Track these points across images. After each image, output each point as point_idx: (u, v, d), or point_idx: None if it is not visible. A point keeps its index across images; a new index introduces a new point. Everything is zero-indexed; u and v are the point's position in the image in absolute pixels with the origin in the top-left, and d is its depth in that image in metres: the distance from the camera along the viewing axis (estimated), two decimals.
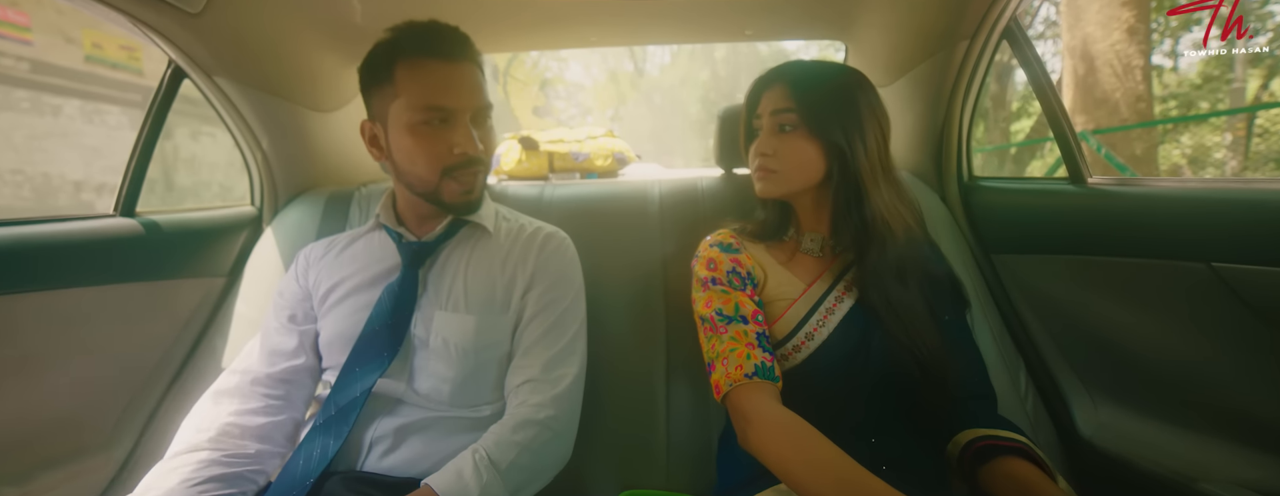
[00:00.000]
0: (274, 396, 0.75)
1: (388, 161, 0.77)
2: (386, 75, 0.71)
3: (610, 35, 1.28)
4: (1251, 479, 0.74)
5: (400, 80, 0.70)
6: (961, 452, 0.67)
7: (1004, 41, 0.99)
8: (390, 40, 0.72)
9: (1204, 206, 0.78)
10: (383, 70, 0.72)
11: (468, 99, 0.72)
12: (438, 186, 0.73)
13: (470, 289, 0.77)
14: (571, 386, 0.74)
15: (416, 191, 0.76)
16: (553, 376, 0.74)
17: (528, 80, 11.31)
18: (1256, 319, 0.73)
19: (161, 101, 1.02)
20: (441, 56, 0.71)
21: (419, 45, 0.71)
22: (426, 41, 0.71)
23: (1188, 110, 6.73)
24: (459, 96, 0.71)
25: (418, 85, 0.70)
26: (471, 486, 0.63)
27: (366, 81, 0.74)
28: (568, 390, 0.74)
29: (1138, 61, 4.01)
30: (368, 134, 0.77)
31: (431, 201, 0.76)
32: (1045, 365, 0.98)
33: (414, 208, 0.81)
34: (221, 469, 0.68)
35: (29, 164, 4.33)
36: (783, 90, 0.73)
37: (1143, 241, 0.83)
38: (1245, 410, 0.77)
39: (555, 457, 0.73)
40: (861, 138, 0.71)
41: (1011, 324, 1.01)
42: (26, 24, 4.24)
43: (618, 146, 1.51)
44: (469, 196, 0.75)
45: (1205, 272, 0.75)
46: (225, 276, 1.09)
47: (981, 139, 7.07)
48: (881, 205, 0.71)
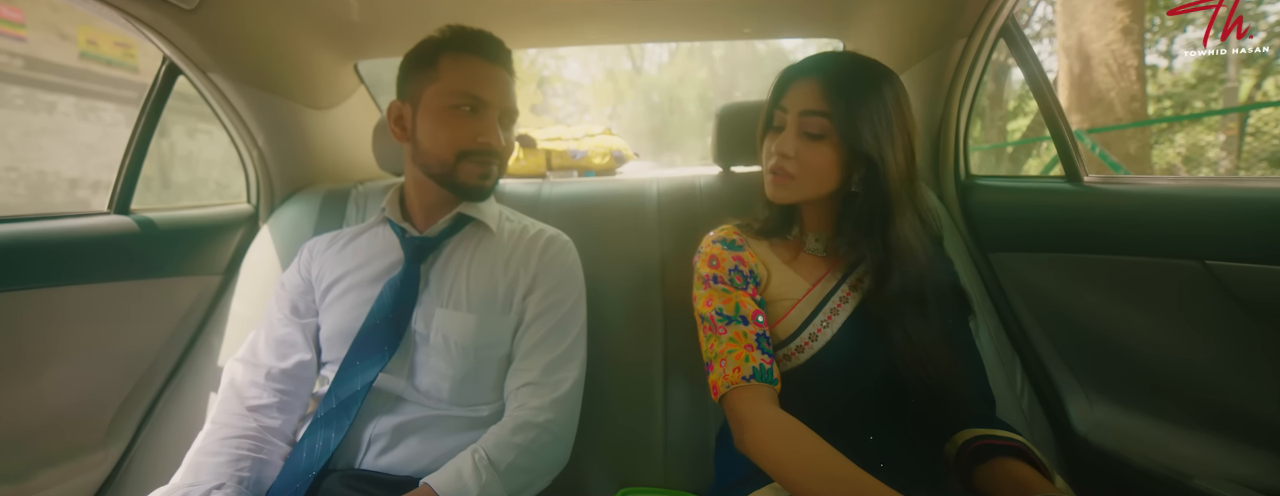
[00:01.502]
0: (285, 392, 0.76)
1: (408, 143, 0.80)
2: (430, 61, 0.77)
3: (608, 33, 1.28)
4: (1245, 475, 0.75)
5: (443, 67, 0.76)
6: (958, 452, 0.67)
7: (1001, 40, 0.99)
8: (441, 36, 0.79)
9: (1198, 204, 0.78)
10: (428, 57, 0.78)
11: (499, 97, 0.78)
12: (454, 168, 0.76)
13: (472, 287, 0.77)
14: (571, 390, 0.75)
15: (432, 173, 0.78)
16: (553, 380, 0.74)
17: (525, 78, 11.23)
18: (1249, 316, 0.73)
19: (156, 98, 1.02)
20: (484, 56, 0.78)
21: (466, 42, 0.78)
22: (474, 41, 0.78)
23: (1182, 109, 6.76)
24: (492, 92, 0.77)
25: (458, 73, 0.76)
26: (471, 486, 0.63)
27: (408, 65, 0.80)
28: (567, 394, 0.74)
29: (1132, 61, 4.03)
30: (394, 114, 0.81)
31: (445, 185, 0.78)
32: (1041, 362, 0.99)
33: (423, 198, 0.82)
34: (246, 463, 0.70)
35: (23, 161, 4.30)
36: (818, 88, 0.67)
37: (1137, 239, 0.83)
38: (1239, 407, 0.78)
39: (554, 460, 0.73)
40: (892, 147, 0.65)
41: (1007, 321, 1.02)
42: (20, 20, 4.20)
43: (615, 144, 1.51)
44: (485, 181, 0.78)
45: (1199, 270, 0.76)
46: (221, 274, 1.09)
47: (978, 137, 7.09)
48: (907, 226, 0.67)
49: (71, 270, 0.87)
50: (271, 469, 0.72)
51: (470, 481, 0.63)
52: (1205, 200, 0.78)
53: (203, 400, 0.97)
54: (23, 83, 4.23)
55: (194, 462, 0.69)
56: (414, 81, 0.78)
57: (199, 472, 0.68)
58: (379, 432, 0.72)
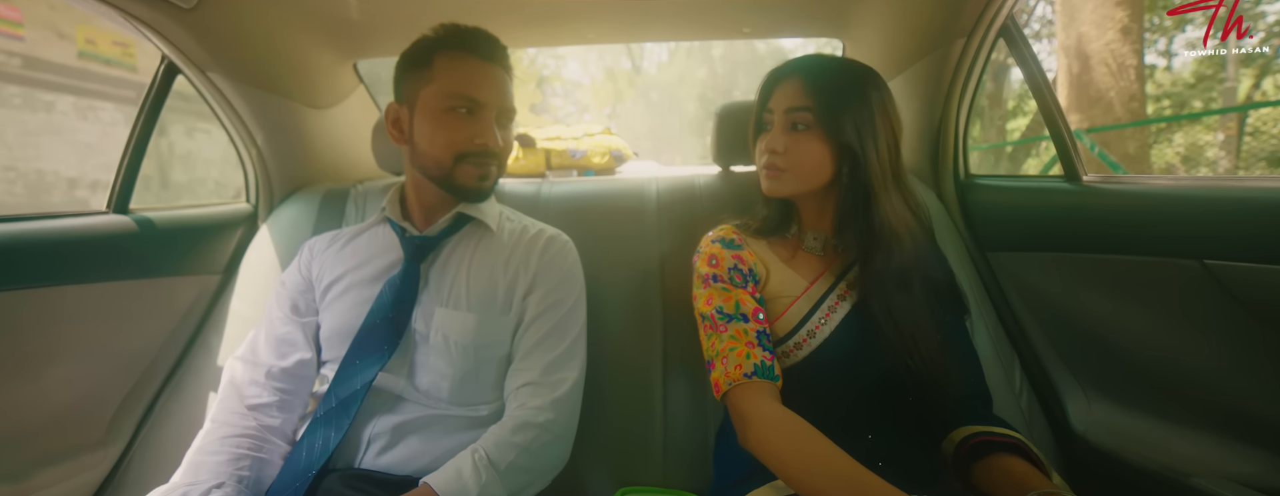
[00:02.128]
0: (286, 391, 0.76)
1: (406, 145, 0.80)
2: (425, 62, 0.76)
3: (608, 32, 1.28)
4: (1243, 473, 0.75)
5: (438, 68, 0.75)
6: (956, 449, 0.67)
7: (1000, 40, 1.00)
8: (435, 35, 0.78)
9: (1196, 204, 0.78)
10: (422, 58, 0.77)
11: (496, 97, 0.77)
12: (453, 170, 0.76)
13: (472, 287, 0.77)
14: (571, 390, 0.74)
15: (430, 175, 0.78)
16: (553, 380, 0.74)
17: (525, 77, 11.28)
18: (1248, 315, 0.73)
19: (155, 97, 1.01)
20: (479, 55, 0.77)
21: (461, 41, 0.77)
22: (468, 40, 0.77)
23: (1181, 109, 6.76)
24: (489, 92, 0.76)
25: (453, 75, 0.75)
26: (470, 486, 0.63)
27: (403, 67, 0.79)
28: (567, 394, 0.74)
29: (1131, 60, 4.03)
30: (392, 116, 0.80)
31: (444, 186, 0.78)
32: (1040, 361, 0.99)
33: (422, 199, 0.82)
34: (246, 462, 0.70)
35: (22, 160, 4.29)
36: (799, 86, 0.71)
37: (1136, 238, 0.83)
38: (1237, 406, 0.78)
39: (554, 460, 0.73)
40: (874, 141, 0.69)
41: (1007, 321, 1.02)
42: (18, 19, 4.19)
43: (615, 144, 1.51)
44: (483, 183, 0.78)
45: (1197, 270, 0.76)
46: (220, 273, 1.09)
47: (978, 137, 7.09)
48: (890, 211, 0.69)
49: (70, 270, 0.87)
50: (271, 468, 0.72)
51: (470, 481, 0.63)
52: (1203, 200, 0.78)
53: (202, 399, 0.97)
54: (21, 82, 4.22)
55: (194, 461, 0.69)
56: (410, 83, 0.77)
57: (199, 471, 0.68)
58: (379, 432, 0.72)
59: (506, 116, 0.79)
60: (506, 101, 0.78)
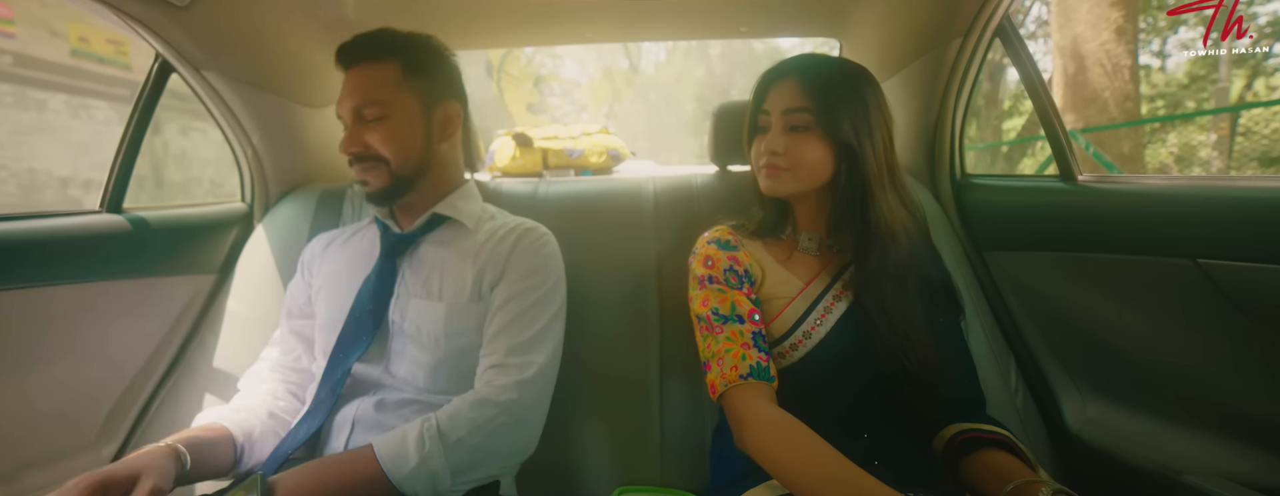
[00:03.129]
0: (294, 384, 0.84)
1: None
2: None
3: (605, 31, 1.27)
4: (1237, 472, 0.75)
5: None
6: (946, 446, 0.68)
7: (996, 40, 1.00)
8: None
9: (1190, 204, 0.79)
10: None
11: (348, 101, 0.77)
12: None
13: (444, 279, 0.79)
14: (539, 374, 0.73)
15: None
16: (519, 362, 0.72)
17: (522, 77, 11.25)
18: (1241, 314, 0.74)
19: (149, 96, 1.01)
20: (344, 65, 0.78)
21: (338, 57, 0.79)
22: (341, 53, 0.78)
23: (1175, 109, 6.81)
24: (344, 101, 0.77)
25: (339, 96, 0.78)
26: (412, 452, 0.63)
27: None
28: (535, 377, 0.72)
29: (1126, 61, 4.05)
30: None
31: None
32: (1035, 361, 0.99)
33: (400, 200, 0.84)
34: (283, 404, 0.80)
35: (14, 159, 4.25)
36: (796, 87, 0.71)
37: (1131, 238, 0.84)
38: (1231, 404, 0.78)
39: (513, 445, 0.71)
40: (871, 139, 0.69)
41: (1002, 320, 1.02)
42: (10, 17, 4.16)
43: (612, 143, 1.51)
44: (367, 189, 0.79)
45: (1191, 269, 0.76)
46: (216, 273, 1.08)
47: (974, 137, 7.12)
48: (886, 208, 0.70)
49: (64, 269, 0.86)
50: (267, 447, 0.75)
51: (412, 448, 0.64)
52: (1197, 199, 0.78)
53: (198, 399, 0.96)
54: (12, 80, 4.19)
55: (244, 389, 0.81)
56: None
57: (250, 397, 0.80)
58: (358, 417, 0.74)
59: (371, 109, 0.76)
60: (359, 99, 0.76)
